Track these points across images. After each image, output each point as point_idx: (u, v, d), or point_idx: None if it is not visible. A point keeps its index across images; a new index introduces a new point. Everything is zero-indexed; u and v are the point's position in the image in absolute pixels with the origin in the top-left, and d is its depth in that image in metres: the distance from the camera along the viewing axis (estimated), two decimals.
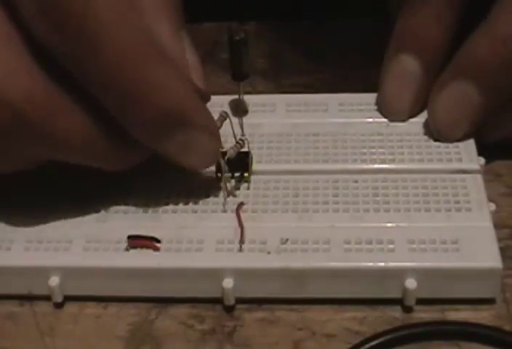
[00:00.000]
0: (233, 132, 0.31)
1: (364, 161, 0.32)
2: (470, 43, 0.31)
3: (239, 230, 0.29)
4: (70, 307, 0.29)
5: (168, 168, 0.32)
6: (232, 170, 0.31)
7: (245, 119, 0.31)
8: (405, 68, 0.32)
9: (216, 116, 0.30)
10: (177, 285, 0.29)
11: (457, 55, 0.32)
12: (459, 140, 0.32)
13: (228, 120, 0.31)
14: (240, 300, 0.29)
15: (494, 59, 0.31)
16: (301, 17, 0.41)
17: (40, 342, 0.28)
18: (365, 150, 0.32)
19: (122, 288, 0.29)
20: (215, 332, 0.28)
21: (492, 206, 0.30)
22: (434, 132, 0.33)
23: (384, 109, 0.34)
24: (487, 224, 0.29)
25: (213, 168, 0.31)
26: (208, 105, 0.34)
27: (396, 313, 0.28)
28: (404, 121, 0.33)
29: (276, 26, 0.41)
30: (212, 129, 0.29)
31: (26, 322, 0.29)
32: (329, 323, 0.28)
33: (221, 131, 0.30)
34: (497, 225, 0.30)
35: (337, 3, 0.40)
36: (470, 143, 0.32)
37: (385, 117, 0.34)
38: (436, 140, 0.32)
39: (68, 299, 0.29)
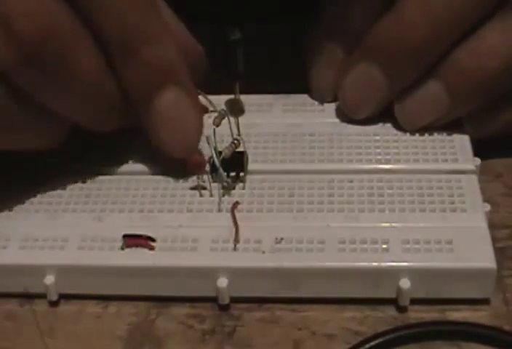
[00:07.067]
0: (231, 131, 0.31)
1: (359, 161, 0.32)
2: (378, 26, 0.31)
3: (234, 230, 0.29)
4: (70, 307, 0.29)
5: (164, 167, 0.32)
6: (227, 170, 0.31)
7: (241, 119, 0.31)
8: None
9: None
10: (172, 284, 0.29)
11: (365, 37, 0.31)
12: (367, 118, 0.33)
13: (225, 119, 0.30)
14: (235, 299, 0.29)
15: (398, 44, 0.30)
16: (301, 18, 0.41)
17: (40, 342, 0.28)
18: (361, 150, 0.32)
19: (118, 287, 0.29)
20: (215, 332, 0.28)
21: (487, 207, 0.30)
22: (343, 109, 0.33)
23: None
24: (482, 224, 0.29)
25: (208, 167, 0.31)
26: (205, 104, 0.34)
27: (395, 313, 0.28)
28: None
29: (276, 27, 0.41)
30: (196, 99, 0.31)
31: (26, 322, 0.29)
32: (329, 323, 0.28)
33: (218, 130, 0.30)
34: (497, 225, 0.30)
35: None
36: (466, 143, 0.32)
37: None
38: (431, 140, 0.32)
39: (67, 298, 0.29)
